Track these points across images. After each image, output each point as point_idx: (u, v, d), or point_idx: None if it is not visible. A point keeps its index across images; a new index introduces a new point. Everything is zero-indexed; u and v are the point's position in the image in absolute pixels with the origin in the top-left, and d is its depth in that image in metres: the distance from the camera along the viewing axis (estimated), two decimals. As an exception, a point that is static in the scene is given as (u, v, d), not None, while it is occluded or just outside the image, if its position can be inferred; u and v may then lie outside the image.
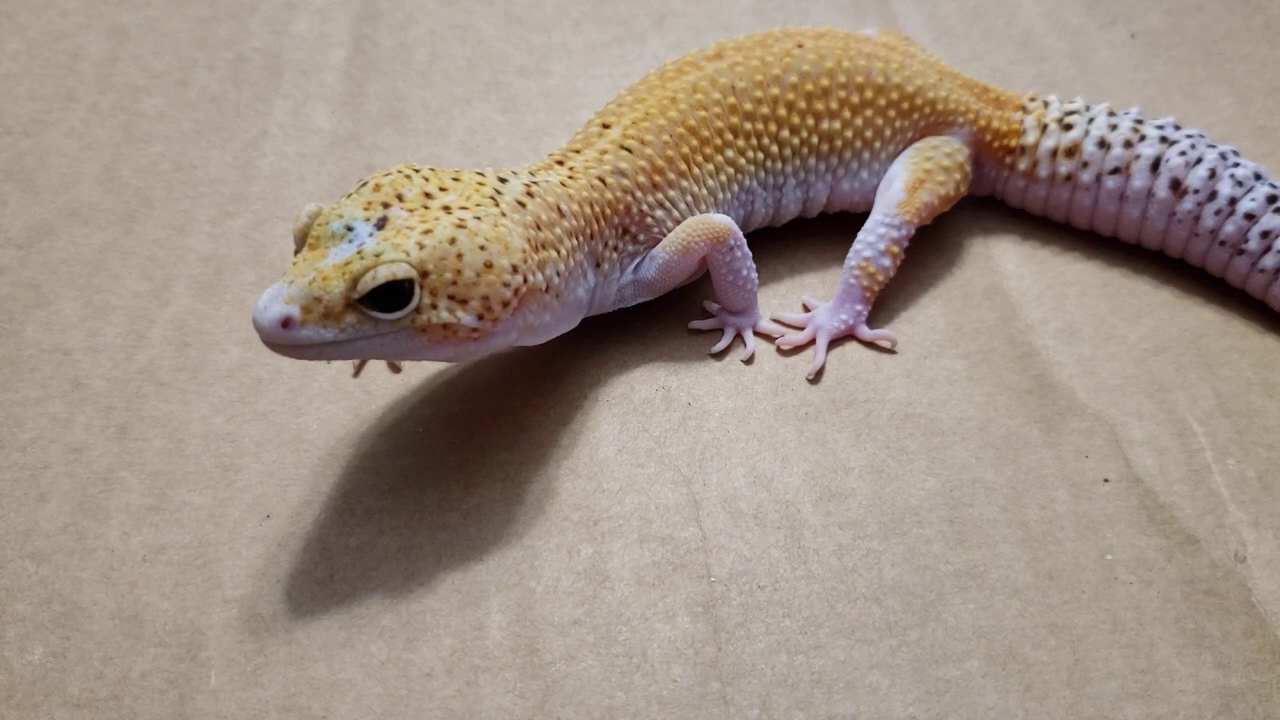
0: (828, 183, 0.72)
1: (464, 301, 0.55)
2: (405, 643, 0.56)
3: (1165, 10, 0.93)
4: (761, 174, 0.71)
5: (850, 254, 0.69)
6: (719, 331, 0.70)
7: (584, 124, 0.71)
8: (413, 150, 0.83)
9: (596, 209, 0.64)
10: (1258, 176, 0.69)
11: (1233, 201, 0.68)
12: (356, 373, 0.68)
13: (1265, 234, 0.67)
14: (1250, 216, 0.67)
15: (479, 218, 0.56)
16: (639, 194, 0.66)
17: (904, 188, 0.70)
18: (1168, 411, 0.65)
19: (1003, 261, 0.74)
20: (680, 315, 0.71)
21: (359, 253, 0.53)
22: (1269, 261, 0.67)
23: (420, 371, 0.68)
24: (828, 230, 0.75)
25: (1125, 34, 0.91)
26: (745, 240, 0.67)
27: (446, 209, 0.56)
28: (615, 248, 0.66)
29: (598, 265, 0.65)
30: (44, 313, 0.71)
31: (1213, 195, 0.68)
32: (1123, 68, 0.88)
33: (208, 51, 0.91)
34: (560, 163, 0.65)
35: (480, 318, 0.56)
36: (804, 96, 0.70)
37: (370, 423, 0.65)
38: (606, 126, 0.67)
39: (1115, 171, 0.71)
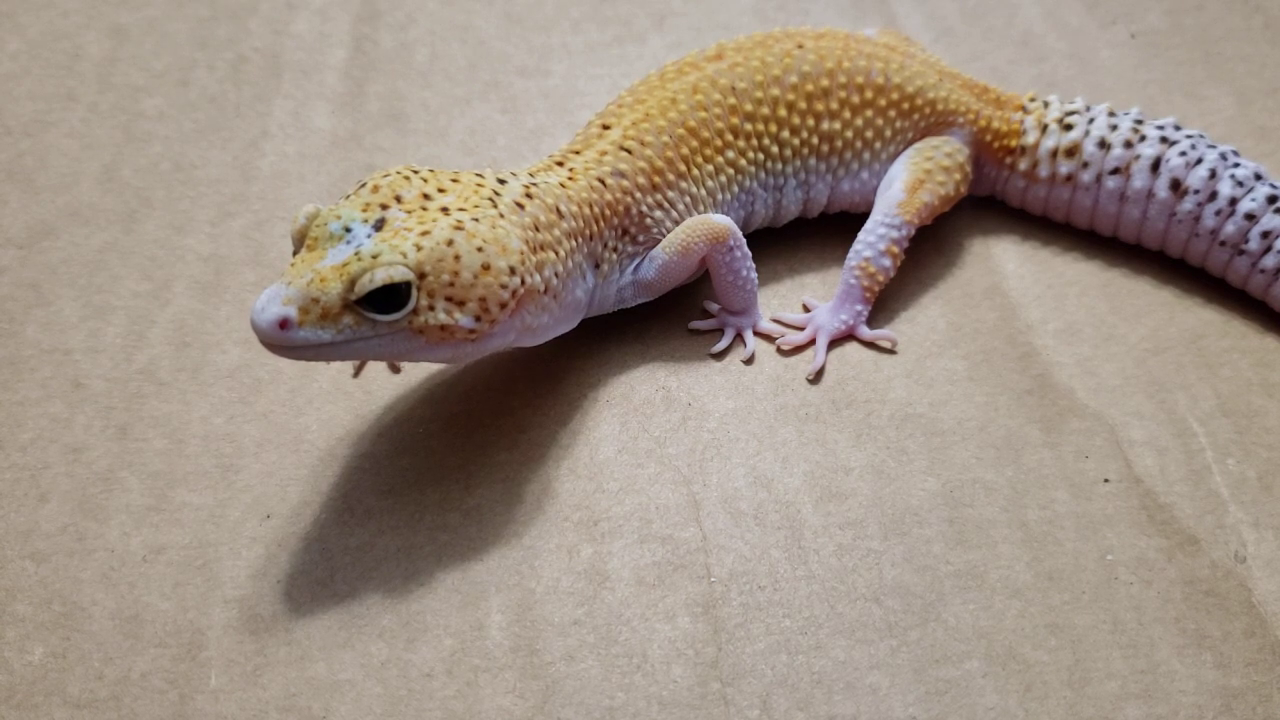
0: (828, 183, 0.72)
1: (461, 303, 0.55)
2: (405, 643, 0.56)
3: (1165, 10, 0.93)
4: (762, 175, 0.71)
5: (850, 254, 0.69)
6: (719, 331, 0.70)
7: (584, 125, 0.71)
8: (413, 150, 0.83)
9: (596, 210, 0.64)
10: (1258, 177, 0.69)
11: (1233, 202, 0.68)
12: (356, 373, 0.68)
13: (1265, 234, 0.67)
14: (1250, 217, 0.67)
15: (477, 219, 0.56)
16: (638, 195, 0.66)
17: (904, 188, 0.70)
18: (1168, 411, 0.65)
19: (1003, 261, 0.74)
20: (680, 315, 0.71)
21: (356, 254, 0.53)
22: (1269, 262, 0.67)
23: (420, 372, 0.68)
24: (828, 230, 0.75)
25: (1125, 34, 0.91)
26: (745, 240, 0.67)
27: (444, 210, 0.56)
28: (614, 249, 0.66)
29: (597, 266, 0.65)
30: (44, 313, 0.71)
31: (1213, 195, 0.68)
32: (1123, 68, 0.88)
33: (208, 51, 0.91)
34: (560, 164, 0.65)
35: (478, 319, 0.56)
36: (804, 97, 0.70)
37: (370, 423, 0.65)
38: (606, 128, 0.67)
39: (1115, 172, 0.71)
